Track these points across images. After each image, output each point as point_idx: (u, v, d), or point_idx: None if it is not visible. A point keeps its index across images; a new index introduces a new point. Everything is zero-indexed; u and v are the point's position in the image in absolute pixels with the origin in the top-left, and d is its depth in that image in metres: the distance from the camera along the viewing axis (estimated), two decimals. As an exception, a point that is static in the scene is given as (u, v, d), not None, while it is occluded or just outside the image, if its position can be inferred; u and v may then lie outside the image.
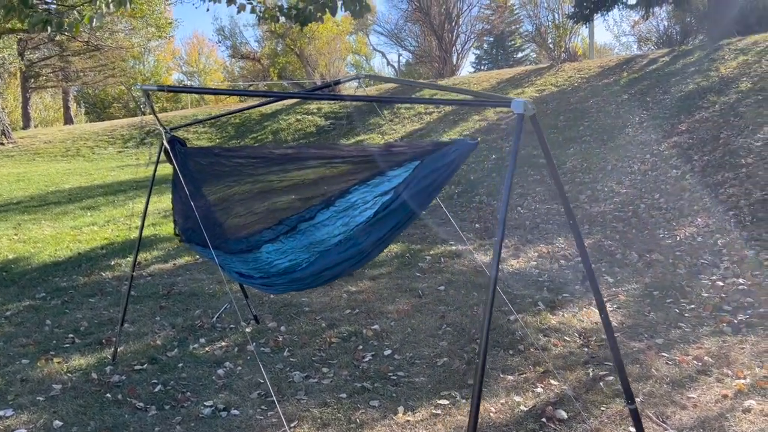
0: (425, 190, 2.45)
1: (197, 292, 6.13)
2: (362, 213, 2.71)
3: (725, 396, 3.47)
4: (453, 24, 23.78)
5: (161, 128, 4.07)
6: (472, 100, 2.28)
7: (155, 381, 4.14)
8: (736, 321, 4.53)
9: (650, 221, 7.23)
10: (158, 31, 23.68)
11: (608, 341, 2.81)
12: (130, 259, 7.63)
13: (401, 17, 28.98)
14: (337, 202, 2.76)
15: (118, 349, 4.58)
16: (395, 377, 4.03)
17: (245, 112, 22.50)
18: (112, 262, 7.51)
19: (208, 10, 10.58)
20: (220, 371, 4.27)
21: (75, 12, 4.38)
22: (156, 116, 3.82)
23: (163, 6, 22.73)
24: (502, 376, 3.95)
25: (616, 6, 14.92)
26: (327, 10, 4.75)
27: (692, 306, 4.92)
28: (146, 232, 9.07)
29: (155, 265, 7.34)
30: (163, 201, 11.95)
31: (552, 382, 3.81)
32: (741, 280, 5.24)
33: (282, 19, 5.03)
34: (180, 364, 4.41)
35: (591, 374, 3.87)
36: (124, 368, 4.37)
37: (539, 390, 3.73)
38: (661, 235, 6.70)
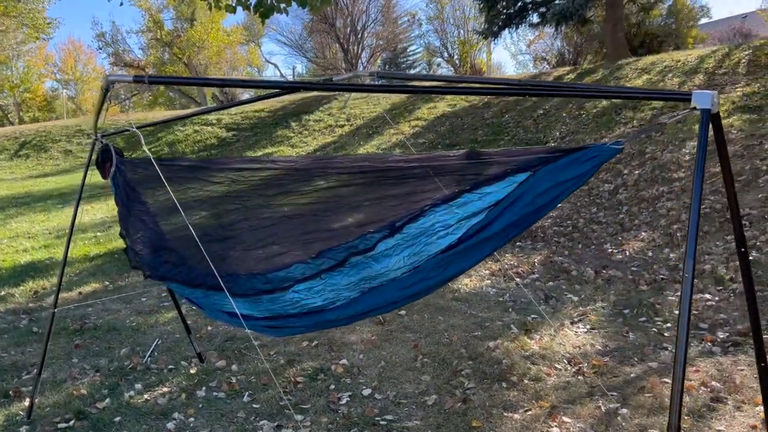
0: (538, 211, 1.92)
1: (116, 326, 5.26)
2: (440, 240, 2.12)
3: (754, 427, 3.22)
4: (359, 37, 23.53)
5: (94, 134, 3.36)
6: (642, 94, 1.82)
7: (88, 443, 3.36)
8: (719, 340, 4.38)
9: (593, 236, 7.13)
10: (35, 31, 21.55)
11: None
12: (24, 287, 6.60)
13: (304, 27, 28.34)
14: (407, 227, 2.14)
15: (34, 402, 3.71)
16: (385, 422, 3.49)
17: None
18: (2, 293, 6.40)
19: (122, 4, 9.33)
20: (170, 425, 3.54)
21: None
22: (96, 118, 3.08)
23: (43, 4, 20.75)
24: (507, 414, 3.51)
25: (523, 24, 15.20)
26: (294, 1, 4.13)
27: (668, 324, 4.74)
28: (40, 255, 7.94)
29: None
30: (53, 219, 10.68)
31: (565, 419, 3.42)
32: (707, 296, 5.16)
33: (239, 8, 4.38)
34: (117, 419, 3.62)
35: (603, 408, 3.52)
36: (45, 427, 3.52)
37: (555, 430, 3.32)
38: (609, 250, 6.60)
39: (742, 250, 1.88)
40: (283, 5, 4.24)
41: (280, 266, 2.41)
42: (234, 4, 4.38)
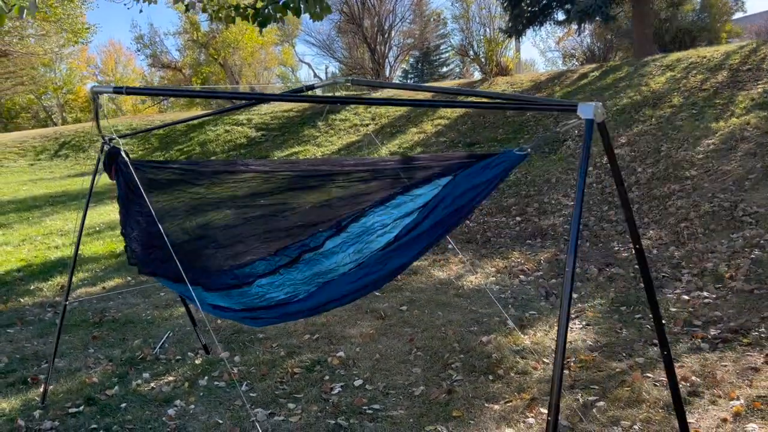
0: (458, 212, 2.10)
1: (133, 319, 5.56)
2: (379, 238, 2.33)
3: (725, 420, 3.31)
4: (386, 36, 23.72)
5: (101, 137, 3.61)
6: (531, 105, 1.98)
7: (95, 426, 3.62)
8: (710, 336, 4.44)
9: (602, 234, 7.18)
10: (74, 36, 22.31)
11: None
12: (52, 282, 6.96)
13: (333, 28, 28.63)
14: (351, 227, 2.36)
15: (48, 389, 4.00)
16: (371, 411, 3.67)
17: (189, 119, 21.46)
18: (32, 287, 6.77)
19: (141, 11, 9.67)
20: (171, 411, 3.78)
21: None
22: (96, 123, 3.33)
23: (80, 10, 21.46)
24: (487, 405, 3.66)
25: (547, 21, 15.16)
26: (289, 11, 4.34)
27: (663, 321, 4.81)
28: (70, 252, 8.32)
29: (82, 288, 6.67)
30: (86, 217, 11.10)
31: (542, 410, 3.55)
32: (705, 293, 5.20)
33: (237, 19, 4.61)
34: (123, 405, 3.88)
35: (581, 400, 3.65)
36: (56, 412, 3.80)
37: (531, 421, 3.47)
38: (616, 248, 6.65)
39: (637, 247, 2.00)
40: (279, 15, 4.45)
41: (244, 263, 2.62)
42: (234, 15, 4.61)
